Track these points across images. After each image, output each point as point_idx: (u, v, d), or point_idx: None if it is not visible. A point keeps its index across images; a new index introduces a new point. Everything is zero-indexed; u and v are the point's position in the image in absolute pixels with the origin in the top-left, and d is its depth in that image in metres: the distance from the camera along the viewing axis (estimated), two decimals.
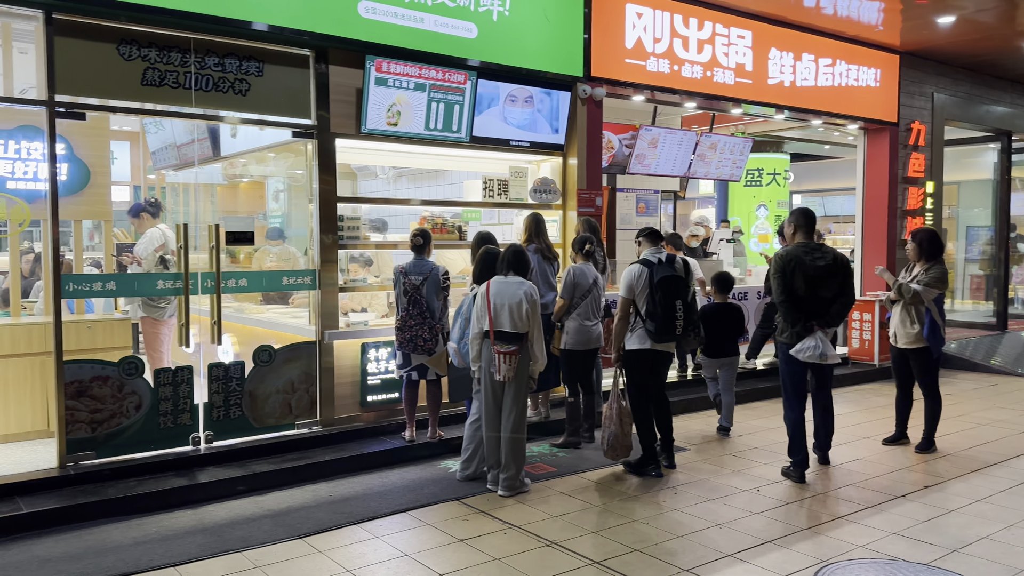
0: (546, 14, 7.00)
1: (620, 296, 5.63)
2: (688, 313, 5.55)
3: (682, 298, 5.50)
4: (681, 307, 5.48)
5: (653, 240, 5.78)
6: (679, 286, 5.50)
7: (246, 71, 5.68)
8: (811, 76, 9.28)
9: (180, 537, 4.51)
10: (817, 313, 5.48)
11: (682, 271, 5.61)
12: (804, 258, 5.45)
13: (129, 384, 5.33)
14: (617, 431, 5.63)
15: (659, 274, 5.46)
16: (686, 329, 5.53)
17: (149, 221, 6.68)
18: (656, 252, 5.68)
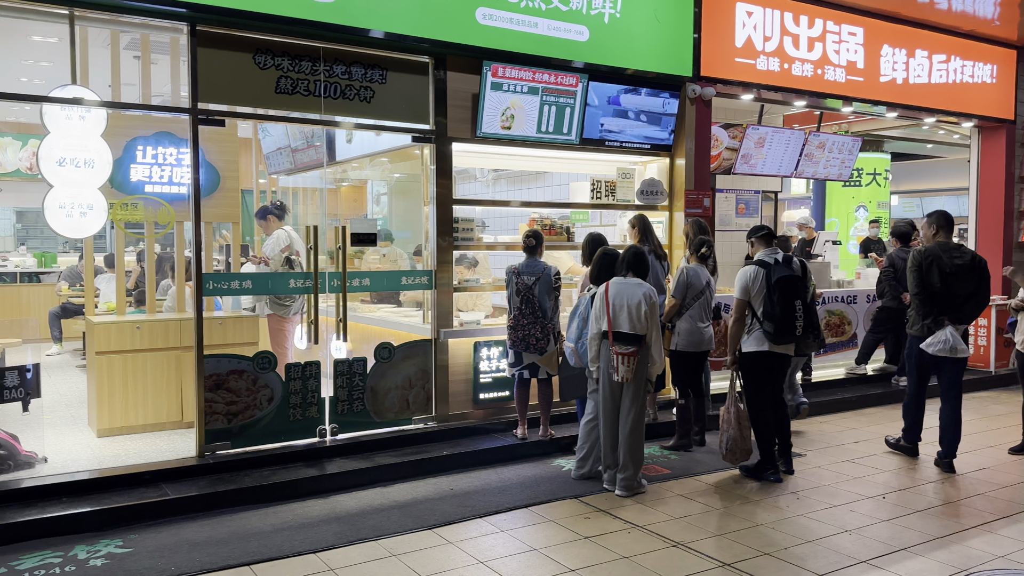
0: (656, 15, 7.01)
1: (735, 298, 5.60)
2: (808, 314, 5.50)
3: (801, 298, 5.45)
4: (800, 307, 5.43)
5: (767, 240, 5.74)
6: (797, 286, 5.46)
7: (371, 79, 5.89)
8: (924, 73, 8.99)
9: (315, 525, 4.72)
10: (950, 309, 5.64)
11: (799, 271, 5.55)
12: (942, 255, 5.69)
13: (263, 378, 5.59)
14: (736, 435, 5.62)
15: (776, 274, 5.44)
16: (805, 330, 5.48)
17: (275, 223, 6.99)
18: (772, 252, 5.63)
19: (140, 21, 5.38)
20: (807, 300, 5.52)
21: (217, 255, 8.94)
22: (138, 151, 6.13)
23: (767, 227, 5.88)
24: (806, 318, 5.47)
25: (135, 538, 4.49)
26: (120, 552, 4.28)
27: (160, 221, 5.95)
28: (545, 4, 6.37)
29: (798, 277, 5.50)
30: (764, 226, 5.89)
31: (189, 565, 4.12)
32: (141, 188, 6.15)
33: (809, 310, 5.54)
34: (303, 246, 6.68)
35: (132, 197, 6.00)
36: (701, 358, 6.33)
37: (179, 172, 6.29)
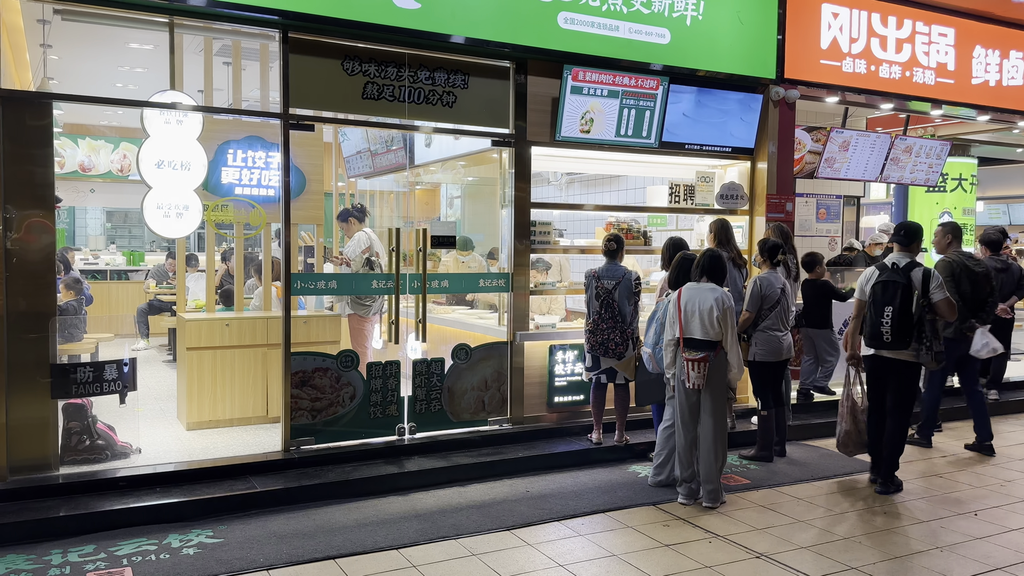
0: (740, 16, 6.91)
1: (855, 297, 5.67)
2: (899, 321, 5.26)
3: (892, 304, 5.26)
4: (891, 314, 5.26)
5: (903, 242, 5.52)
6: (893, 292, 5.27)
7: (453, 84, 5.97)
8: (1019, 75, 8.63)
9: (396, 522, 4.80)
10: (975, 312, 6.54)
11: (904, 278, 5.32)
12: (966, 263, 6.48)
13: (345, 376, 5.72)
14: (850, 428, 5.75)
15: (879, 278, 5.39)
16: (900, 339, 5.28)
17: (356, 225, 7.15)
18: (902, 257, 5.46)
19: (233, 28, 5.58)
20: (905, 307, 5.28)
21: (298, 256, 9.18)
22: (229, 154, 6.35)
23: (908, 226, 5.56)
24: (899, 325, 5.26)
25: (224, 529, 4.64)
26: (211, 542, 4.44)
27: (252, 222, 6.15)
28: (627, 7, 6.35)
29: (897, 283, 5.30)
30: (901, 225, 5.60)
31: (277, 557, 4.25)
32: (231, 190, 6.37)
33: (903, 316, 5.27)
34: (383, 248, 6.82)
35: (224, 199, 6.21)
36: (781, 367, 6.20)
37: (267, 175, 6.49)
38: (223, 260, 9.16)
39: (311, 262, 7.87)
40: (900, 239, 5.54)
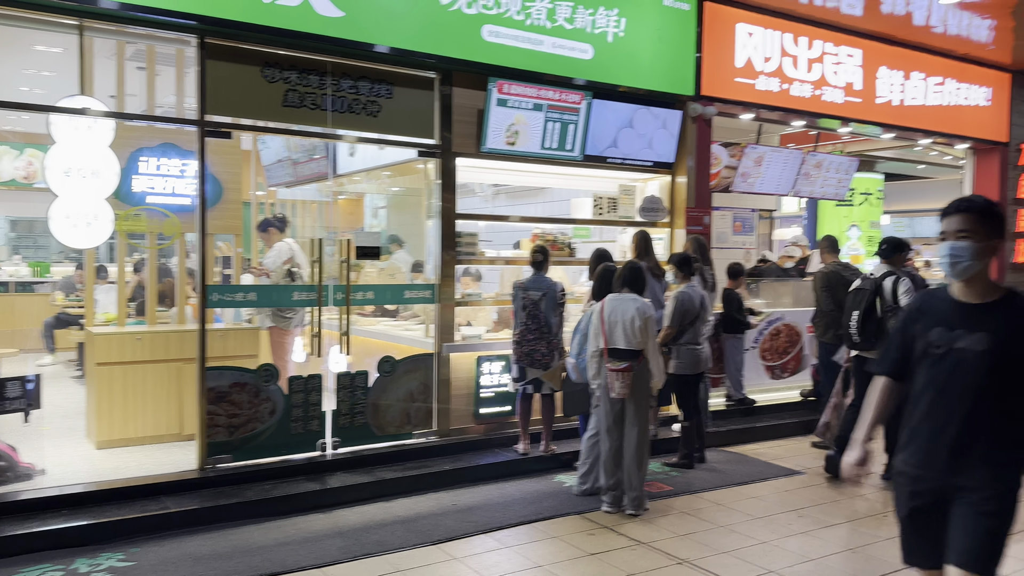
0: (659, 34, 7.08)
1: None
2: (863, 323, 5.79)
3: (859, 309, 5.82)
4: (856, 317, 5.81)
5: (884, 255, 6.01)
6: (861, 298, 5.86)
7: (377, 93, 5.92)
8: (920, 95, 9.11)
9: (319, 539, 4.69)
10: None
11: (872, 285, 5.85)
12: (842, 273, 6.76)
13: (265, 390, 5.57)
14: (831, 421, 6.37)
15: (853, 287, 6.03)
16: (866, 339, 5.79)
17: (276, 235, 6.98)
18: (881, 267, 5.96)
19: (147, 32, 5.39)
20: (868, 312, 5.77)
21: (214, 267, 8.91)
22: (142, 162, 6.12)
23: (895, 239, 6.06)
24: (861, 328, 5.78)
25: (137, 551, 4.45)
26: (122, 566, 4.25)
27: (166, 232, 5.94)
28: (550, 22, 6.43)
29: (863, 289, 5.87)
30: (884, 240, 6.07)
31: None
32: (143, 199, 6.14)
33: (866, 320, 5.78)
34: (305, 258, 6.69)
35: (136, 208, 5.99)
36: (699, 378, 6.35)
37: (182, 183, 6.29)
38: (135, 271, 8.81)
39: (228, 273, 7.65)
40: (881, 252, 6.06)
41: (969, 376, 2.61)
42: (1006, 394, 2.60)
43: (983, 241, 2.60)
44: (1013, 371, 2.58)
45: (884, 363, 2.89)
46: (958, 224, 2.63)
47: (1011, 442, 2.61)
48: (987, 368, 2.58)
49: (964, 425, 2.61)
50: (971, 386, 2.61)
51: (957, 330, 2.64)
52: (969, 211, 2.63)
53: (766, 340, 8.37)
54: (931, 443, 2.68)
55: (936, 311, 2.74)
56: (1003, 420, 2.60)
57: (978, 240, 2.60)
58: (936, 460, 2.66)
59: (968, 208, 2.63)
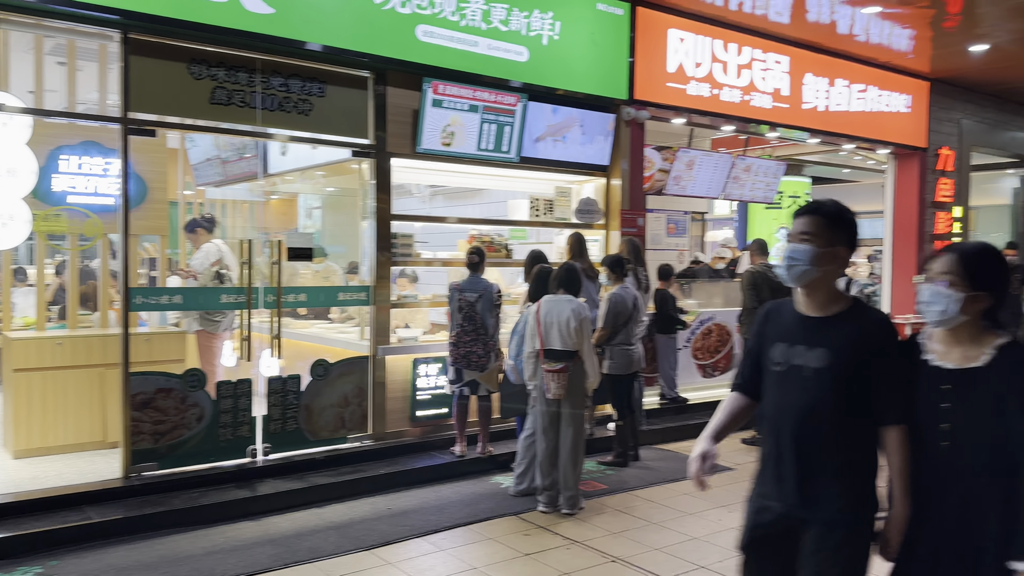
0: (594, 38, 7.15)
1: None
2: None
3: None
4: None
5: None
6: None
7: (309, 91, 5.82)
8: (844, 101, 9.42)
9: (249, 548, 4.58)
10: None
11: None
12: (767, 274, 7.02)
13: (192, 396, 5.42)
14: None
15: None
16: None
17: (205, 236, 6.80)
18: None
19: (68, 27, 5.19)
20: None
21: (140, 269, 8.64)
22: (62, 161, 5.89)
23: None
24: None
25: (56, 564, 4.28)
26: None
27: (87, 233, 5.73)
28: (485, 23, 6.43)
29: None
30: None
31: None
32: (63, 199, 5.91)
33: None
34: (234, 260, 6.53)
35: (56, 208, 5.75)
36: (632, 378, 6.43)
37: (104, 183, 6.07)
38: (56, 274, 8.47)
39: (155, 275, 7.42)
40: None
41: (808, 396, 2.37)
42: (849, 416, 2.36)
43: (825, 247, 2.38)
44: (855, 390, 2.34)
45: (737, 377, 2.69)
46: (802, 226, 2.42)
47: (858, 470, 2.38)
48: (826, 387, 2.35)
49: (806, 451, 2.38)
50: (810, 408, 2.37)
51: (797, 345, 2.42)
52: (815, 214, 2.43)
53: (698, 339, 8.53)
54: (775, 470, 2.45)
55: (780, 324, 2.52)
56: (848, 446, 2.37)
57: (820, 245, 2.38)
58: (779, 489, 2.43)
59: (815, 211, 2.44)
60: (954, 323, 2.28)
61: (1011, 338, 2.28)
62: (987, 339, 2.29)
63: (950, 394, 2.28)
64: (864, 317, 2.40)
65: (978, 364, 2.26)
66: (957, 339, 2.31)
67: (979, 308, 2.27)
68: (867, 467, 2.39)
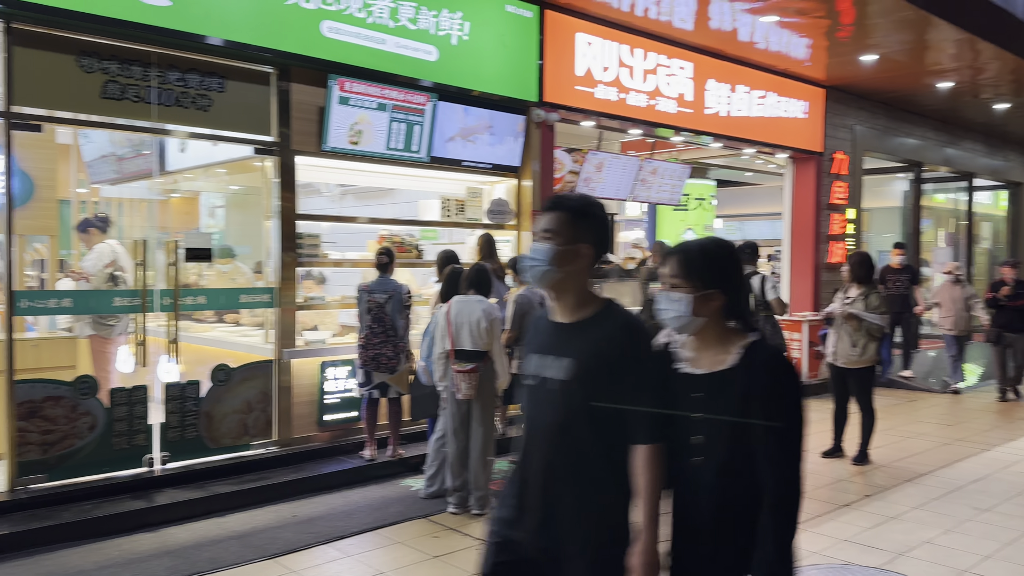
0: (503, 40, 7.17)
1: None
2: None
3: None
4: None
5: (748, 258, 6.73)
6: None
7: (208, 87, 5.63)
8: (745, 107, 9.74)
9: (145, 560, 4.40)
10: None
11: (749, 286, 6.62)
12: None
13: (83, 404, 5.16)
14: None
15: None
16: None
17: (98, 236, 6.47)
18: (747, 268, 6.54)
19: None
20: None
21: (29, 271, 8.17)
22: None
23: (750, 245, 6.92)
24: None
25: None
26: None
27: None
28: (393, 21, 6.36)
29: None
30: (747, 244, 6.91)
31: None
32: None
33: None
34: (129, 261, 6.25)
35: None
36: None
37: None
38: None
39: (44, 277, 7.04)
40: (746, 256, 6.75)
41: (556, 413, 2.16)
42: (601, 435, 2.14)
43: (568, 245, 2.18)
44: (606, 402, 2.12)
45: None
46: (545, 223, 2.22)
47: (604, 498, 2.14)
48: (574, 403, 2.14)
49: (549, 474, 2.17)
50: (555, 426, 2.16)
51: (548, 356, 2.21)
52: (557, 209, 2.22)
53: None
54: (520, 494, 2.23)
55: (537, 333, 2.33)
56: (601, 469, 2.14)
57: (562, 243, 2.18)
58: (523, 516, 2.21)
59: (556, 206, 2.23)
60: (694, 326, 2.13)
61: (758, 337, 2.15)
62: (735, 340, 2.14)
63: (701, 402, 2.10)
64: (611, 320, 2.19)
65: (725, 367, 2.11)
66: (705, 343, 2.16)
67: (714, 307, 2.12)
68: (622, 494, 2.15)
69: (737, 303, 2.17)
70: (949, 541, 4.84)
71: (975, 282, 14.91)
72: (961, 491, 5.89)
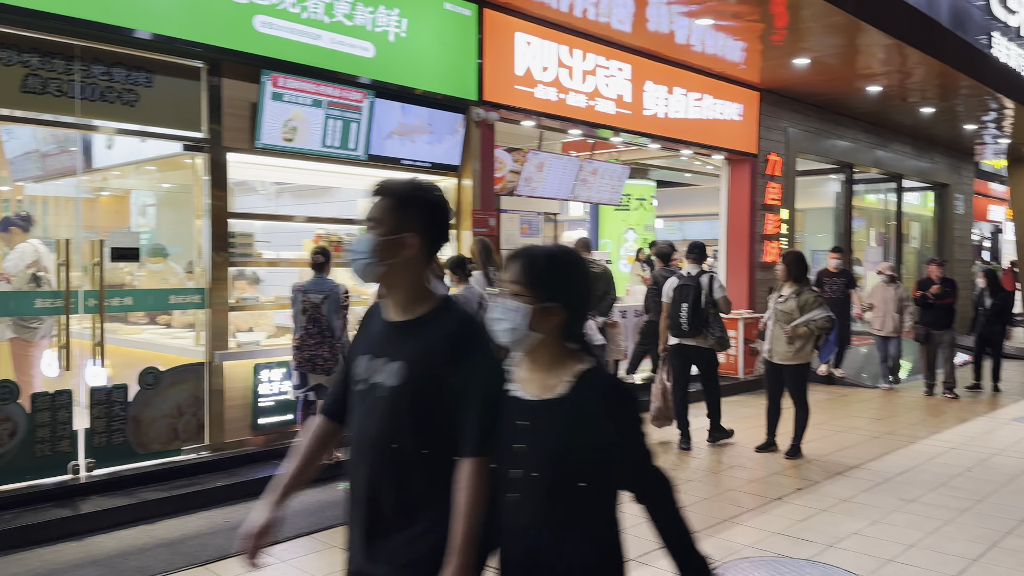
0: (441, 38, 7.13)
1: (663, 300, 7.05)
2: (692, 314, 6.75)
3: (687, 301, 6.76)
4: (686, 309, 6.74)
5: (695, 258, 7.07)
6: (688, 292, 6.80)
7: (135, 81, 5.46)
8: (682, 109, 9.89)
9: (69, 571, 4.25)
10: (594, 306, 7.43)
11: (694, 282, 6.85)
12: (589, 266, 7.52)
13: (3, 410, 4.94)
14: (661, 405, 7.02)
15: (677, 284, 6.89)
16: (694, 327, 6.76)
17: (20, 235, 6.23)
18: (693, 267, 6.97)
19: None
20: (695, 304, 6.76)
21: None
22: None
23: (700, 243, 7.21)
24: (691, 317, 6.75)
25: None
26: None
27: None
28: (328, 16, 6.27)
29: (689, 285, 6.82)
30: (694, 244, 7.16)
31: None
32: None
33: (694, 311, 6.77)
34: (53, 261, 6.03)
35: None
36: None
37: None
38: None
39: None
40: (692, 256, 7.05)
41: (384, 423, 1.94)
42: (435, 449, 1.92)
43: (392, 234, 1.95)
44: (439, 415, 1.91)
45: (326, 399, 2.22)
46: (369, 211, 2.00)
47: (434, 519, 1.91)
48: (403, 412, 1.92)
49: (377, 491, 1.95)
50: (382, 437, 1.94)
51: (379, 358, 1.99)
52: (380, 195, 2.00)
53: None
54: (351, 514, 2.05)
55: (369, 331, 2.10)
56: (437, 487, 1.91)
57: (383, 233, 1.95)
58: (353, 537, 2.04)
59: (379, 192, 2.01)
60: (528, 343, 1.88)
61: (594, 363, 1.91)
62: (569, 364, 1.89)
63: (526, 433, 1.86)
64: (446, 319, 1.97)
65: (554, 394, 1.87)
66: (537, 364, 1.91)
67: (554, 323, 1.88)
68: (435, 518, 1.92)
69: (578, 322, 1.94)
70: (876, 532, 4.98)
71: (905, 279, 15.44)
72: (888, 483, 6.07)
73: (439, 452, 1.93)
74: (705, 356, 7.05)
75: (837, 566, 4.41)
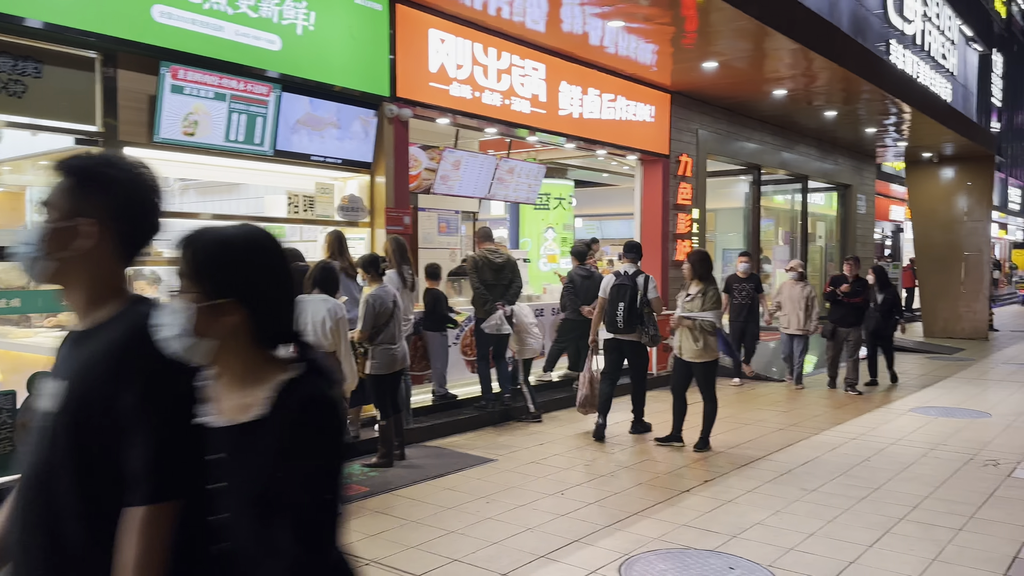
0: (352, 32, 7.01)
1: (599, 296, 7.30)
2: (628, 313, 6.99)
3: (623, 301, 6.99)
4: (623, 308, 6.98)
5: (632, 257, 7.18)
6: (624, 292, 7.03)
7: (22, 71, 5.17)
8: (596, 109, 10.01)
9: None
10: (499, 295, 7.73)
11: (631, 282, 7.07)
12: (488, 257, 7.77)
13: None
14: (588, 392, 7.38)
15: (615, 283, 7.12)
16: (629, 325, 7.02)
17: None
18: (630, 267, 7.20)
19: None
20: (631, 303, 6.98)
21: None
22: None
23: (636, 243, 7.59)
24: (627, 315, 6.98)
25: None
26: None
27: None
28: (232, 8, 6.08)
29: (625, 285, 7.04)
30: (631, 245, 7.50)
31: None
32: None
33: (630, 310, 6.99)
34: None
35: None
36: (397, 377, 6.39)
37: None
38: None
39: None
40: (629, 255, 7.32)
41: (39, 456, 1.53)
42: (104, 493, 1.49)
43: (61, 221, 1.56)
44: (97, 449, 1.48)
45: None
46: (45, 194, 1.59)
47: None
48: (60, 443, 1.50)
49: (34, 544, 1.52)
50: (42, 475, 1.52)
51: (54, 378, 1.59)
52: (57, 173, 1.59)
53: (466, 336, 8.66)
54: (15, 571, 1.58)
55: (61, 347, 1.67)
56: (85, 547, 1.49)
57: (55, 219, 1.56)
58: None
59: (56, 169, 1.59)
60: (201, 352, 1.49)
61: (302, 371, 1.53)
62: (269, 375, 1.51)
63: (224, 467, 1.49)
64: (121, 326, 1.55)
65: (250, 417, 1.48)
66: (230, 380, 1.53)
67: (230, 325, 1.50)
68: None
69: (271, 322, 1.55)
70: (778, 521, 5.14)
71: (811, 277, 16.03)
72: (791, 473, 6.27)
73: (107, 502, 1.49)
74: (637, 350, 7.32)
75: (740, 556, 4.52)
